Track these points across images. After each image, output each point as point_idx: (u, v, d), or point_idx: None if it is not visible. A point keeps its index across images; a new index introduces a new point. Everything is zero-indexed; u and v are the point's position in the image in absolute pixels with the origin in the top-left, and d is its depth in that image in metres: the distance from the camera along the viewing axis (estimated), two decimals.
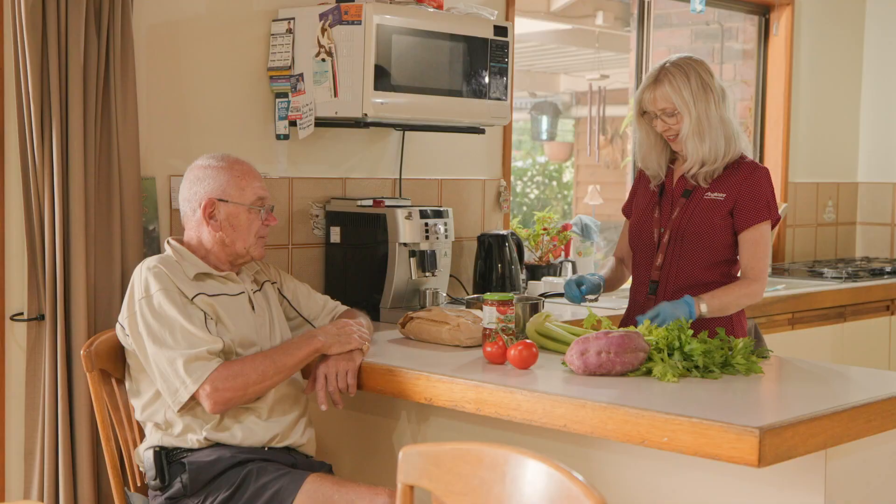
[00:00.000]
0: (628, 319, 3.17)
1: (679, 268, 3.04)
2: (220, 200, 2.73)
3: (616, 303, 3.88)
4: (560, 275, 4.29)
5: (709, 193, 3.03)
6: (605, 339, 2.58)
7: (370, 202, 3.56)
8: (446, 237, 3.60)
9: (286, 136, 3.52)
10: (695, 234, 3.03)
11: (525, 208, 6.61)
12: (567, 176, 7.43)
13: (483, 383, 2.53)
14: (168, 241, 2.77)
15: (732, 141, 3.03)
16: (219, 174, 2.74)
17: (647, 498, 2.53)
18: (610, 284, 3.26)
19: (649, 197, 3.16)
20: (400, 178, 3.90)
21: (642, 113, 3.08)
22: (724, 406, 2.39)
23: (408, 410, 3.04)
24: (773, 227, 3.06)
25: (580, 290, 3.10)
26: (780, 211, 5.30)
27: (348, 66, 3.32)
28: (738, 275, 3.09)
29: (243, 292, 2.76)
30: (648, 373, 2.58)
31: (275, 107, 3.53)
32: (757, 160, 5.51)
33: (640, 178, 3.23)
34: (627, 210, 3.28)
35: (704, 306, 2.93)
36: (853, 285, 4.81)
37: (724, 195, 3.01)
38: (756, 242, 3.00)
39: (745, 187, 3.01)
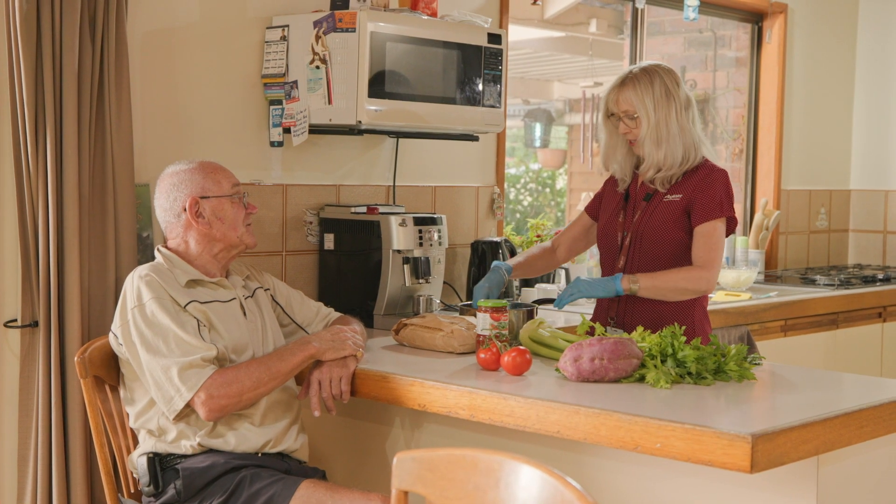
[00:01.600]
0: (597, 319, 3.23)
1: (640, 268, 3.10)
2: (203, 198, 2.74)
3: (583, 307, 3.91)
4: (553, 281, 4.29)
5: (667, 196, 3.10)
6: (598, 345, 2.59)
7: (364, 209, 3.56)
8: (440, 244, 3.61)
9: (280, 143, 3.53)
10: (653, 234, 3.09)
11: (518, 215, 6.61)
12: (560, 183, 7.44)
13: (477, 390, 2.53)
14: (158, 249, 2.77)
15: (693, 149, 3.09)
16: (192, 175, 2.76)
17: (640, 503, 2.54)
18: (528, 269, 3.34)
19: (616, 201, 3.24)
20: (394, 185, 3.90)
21: (609, 114, 3.16)
22: (716, 412, 2.40)
23: (401, 417, 3.04)
24: (729, 227, 3.11)
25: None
26: (772, 219, 5.33)
27: (342, 73, 3.32)
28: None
29: (234, 298, 2.77)
30: (641, 379, 2.59)
31: (269, 114, 3.53)
32: (749, 167, 5.57)
33: (609, 181, 3.30)
34: (591, 210, 3.35)
35: (636, 285, 2.99)
36: (845, 292, 4.82)
37: (681, 196, 3.08)
38: (708, 235, 3.05)
39: (701, 187, 3.07)
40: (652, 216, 3.10)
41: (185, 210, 2.73)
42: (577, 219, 3.39)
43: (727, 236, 3.13)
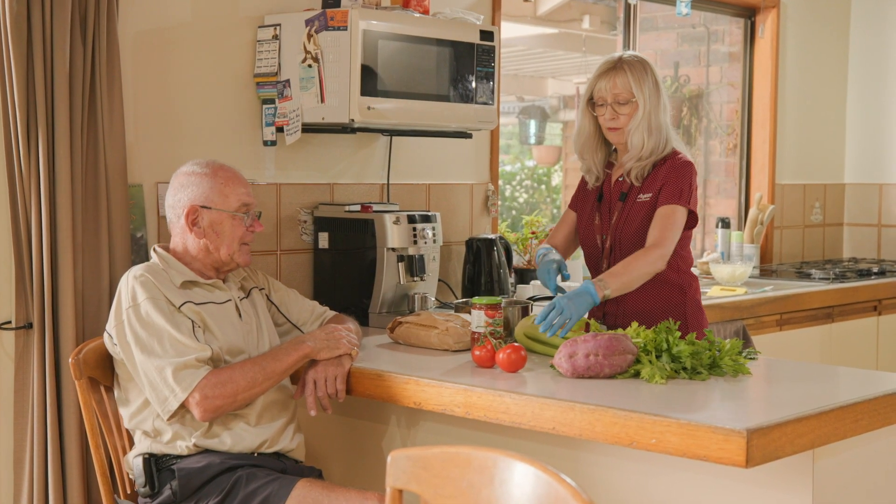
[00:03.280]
0: (589, 316, 3.16)
1: None
2: (203, 207, 2.72)
3: None
4: None
5: (640, 196, 3.08)
6: (593, 341, 2.59)
7: (358, 207, 3.56)
8: (434, 242, 3.60)
9: (273, 143, 3.52)
10: (632, 237, 3.07)
11: (514, 212, 6.61)
12: (556, 179, 7.43)
13: (472, 387, 2.53)
14: (154, 249, 2.77)
15: (668, 143, 3.10)
16: (202, 181, 2.74)
17: (636, 500, 2.54)
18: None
19: (591, 202, 3.21)
20: (388, 183, 3.90)
21: (588, 100, 3.13)
22: (711, 407, 2.40)
23: (397, 415, 3.04)
24: (690, 222, 3.08)
25: (557, 278, 3.05)
26: (767, 213, 5.33)
27: (335, 71, 3.32)
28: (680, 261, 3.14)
29: (230, 300, 2.76)
30: (637, 375, 2.59)
31: (262, 113, 3.53)
32: (743, 162, 5.57)
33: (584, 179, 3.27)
34: (574, 205, 3.30)
35: (608, 290, 2.88)
36: (841, 286, 4.82)
37: (651, 194, 3.07)
38: (665, 217, 3.03)
39: (668, 176, 3.06)
40: (629, 219, 3.08)
41: (183, 214, 2.72)
42: (564, 217, 3.34)
43: (689, 228, 3.10)
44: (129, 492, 2.77)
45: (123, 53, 3.16)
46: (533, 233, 4.41)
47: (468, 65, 3.60)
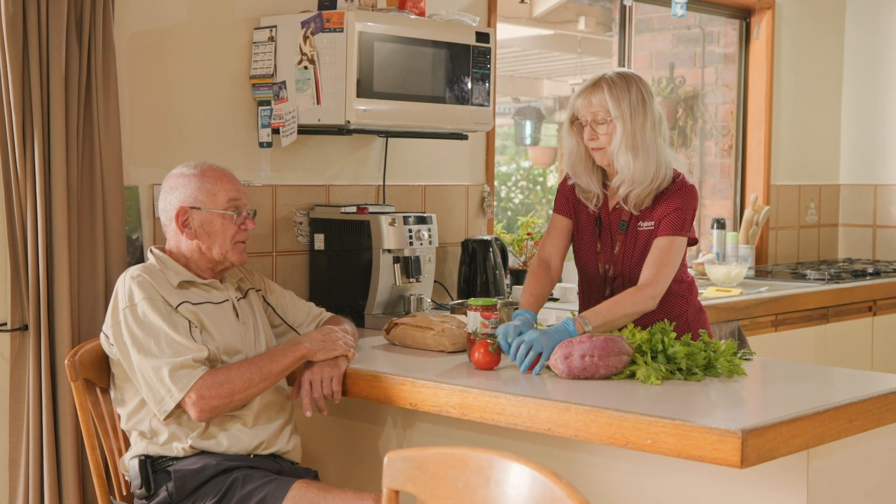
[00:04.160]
0: None
1: None
2: (193, 208, 2.72)
3: (573, 304, 3.88)
4: None
5: (641, 224, 2.99)
6: (588, 342, 2.59)
7: (354, 209, 3.56)
8: (430, 243, 3.61)
9: (269, 144, 3.52)
10: (636, 267, 2.98)
11: (510, 213, 6.62)
12: (551, 180, 7.44)
13: (468, 388, 2.53)
14: (151, 250, 2.77)
15: (664, 167, 2.95)
16: (190, 182, 2.74)
17: (631, 500, 2.54)
18: (541, 302, 3.08)
19: (590, 225, 3.08)
20: (383, 185, 3.90)
21: (573, 120, 2.99)
22: (706, 408, 2.41)
23: (393, 416, 3.05)
24: (688, 243, 2.99)
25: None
26: (762, 214, 5.34)
27: (331, 73, 3.32)
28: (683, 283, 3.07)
29: (227, 300, 2.77)
30: (632, 376, 2.59)
31: (257, 114, 3.53)
32: (739, 163, 5.58)
33: (569, 187, 3.11)
34: (564, 210, 3.13)
35: (589, 327, 2.77)
36: (836, 287, 4.83)
37: (653, 222, 2.97)
38: (663, 250, 2.92)
39: (670, 204, 2.94)
40: (634, 250, 2.99)
41: (174, 216, 2.73)
42: (553, 224, 3.14)
43: (688, 245, 3.01)
44: (124, 494, 2.77)
45: (119, 55, 3.17)
46: (529, 234, 4.41)
47: (464, 66, 3.60)
